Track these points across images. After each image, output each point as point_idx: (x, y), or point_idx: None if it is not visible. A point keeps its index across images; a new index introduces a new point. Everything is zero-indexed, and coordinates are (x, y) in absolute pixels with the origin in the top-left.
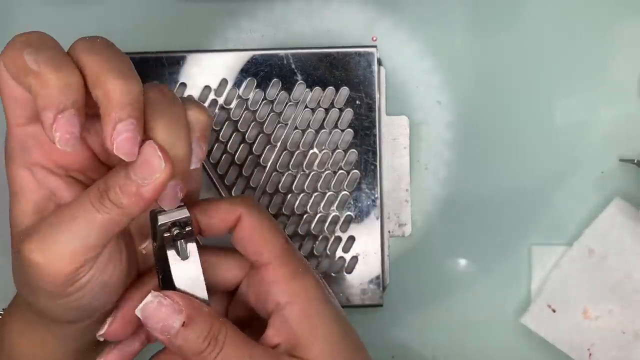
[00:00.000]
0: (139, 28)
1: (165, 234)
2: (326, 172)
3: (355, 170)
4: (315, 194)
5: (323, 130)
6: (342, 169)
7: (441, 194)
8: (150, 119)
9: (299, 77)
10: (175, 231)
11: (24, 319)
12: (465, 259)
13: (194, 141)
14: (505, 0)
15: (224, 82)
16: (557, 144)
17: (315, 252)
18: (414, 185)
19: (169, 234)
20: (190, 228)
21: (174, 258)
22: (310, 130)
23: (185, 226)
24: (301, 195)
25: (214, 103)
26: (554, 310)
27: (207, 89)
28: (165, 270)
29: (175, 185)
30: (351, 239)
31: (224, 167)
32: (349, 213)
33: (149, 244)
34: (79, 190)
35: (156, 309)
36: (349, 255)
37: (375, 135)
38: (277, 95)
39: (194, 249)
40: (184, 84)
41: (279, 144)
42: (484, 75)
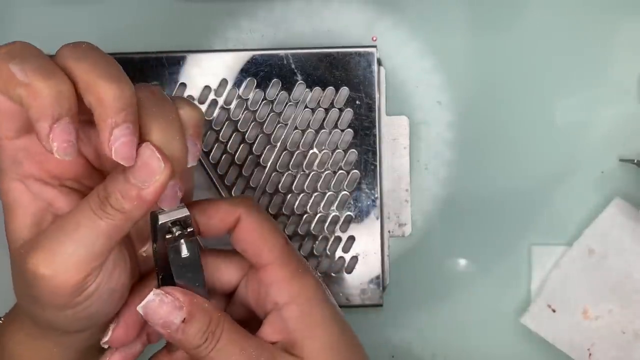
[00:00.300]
0: (139, 28)
1: (166, 234)
2: (326, 172)
3: (355, 170)
4: (315, 194)
5: (323, 130)
6: (342, 169)
7: (441, 194)
8: (144, 121)
9: (299, 77)
10: (176, 231)
11: (23, 327)
12: (465, 259)
13: (188, 139)
14: (505, 0)
15: (224, 82)
16: (557, 144)
17: (315, 252)
18: (414, 185)
19: (170, 234)
20: (190, 228)
21: (174, 257)
22: (310, 130)
23: (185, 225)
24: (301, 195)
25: (214, 103)
26: (554, 310)
27: (207, 89)
28: (165, 270)
29: (174, 185)
30: (351, 239)
31: (224, 167)
32: (348, 213)
33: (149, 247)
34: (76, 199)
35: (158, 306)
36: (348, 255)
37: (375, 135)
38: (277, 95)
39: (194, 248)
40: (184, 84)
41: (279, 144)
42: (484, 75)
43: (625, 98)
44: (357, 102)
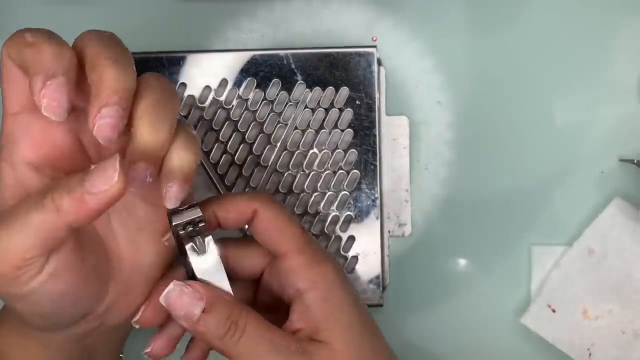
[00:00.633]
0: (139, 28)
1: (180, 232)
2: (326, 172)
3: (355, 170)
4: (315, 194)
5: (323, 130)
6: (342, 169)
7: (441, 194)
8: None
9: (299, 77)
10: (190, 230)
11: (12, 325)
12: (465, 259)
13: (176, 183)
14: (505, 0)
15: (224, 82)
16: (557, 144)
17: None
18: (414, 185)
19: (184, 231)
20: (203, 224)
21: (192, 253)
22: (310, 130)
23: (198, 223)
24: (301, 195)
25: (214, 103)
26: (553, 310)
27: (207, 89)
28: (186, 265)
29: (145, 169)
30: (351, 239)
31: (224, 167)
32: (348, 213)
33: (171, 236)
34: None
35: (178, 297)
36: (348, 255)
37: (375, 135)
38: (277, 95)
39: (211, 243)
40: (184, 84)
41: (279, 144)
42: (484, 75)
43: (625, 98)
44: (357, 102)
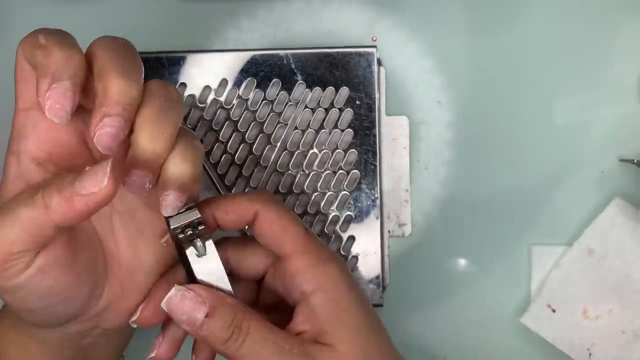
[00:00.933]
0: (139, 28)
1: (180, 235)
2: (326, 172)
3: (355, 170)
4: (315, 194)
5: (323, 130)
6: (342, 169)
7: (441, 194)
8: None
9: (299, 77)
10: (188, 232)
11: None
12: (465, 259)
13: (172, 192)
14: (505, 0)
15: (224, 82)
16: (557, 144)
17: None
18: (414, 185)
19: (183, 234)
20: (203, 227)
21: (192, 256)
22: (310, 130)
23: (198, 225)
24: (301, 195)
25: (214, 103)
26: (553, 310)
27: (207, 89)
28: (187, 267)
29: (144, 176)
30: (351, 239)
31: (224, 167)
32: (348, 213)
33: (169, 238)
34: None
35: (180, 301)
36: (349, 255)
37: (375, 135)
38: (277, 95)
39: (211, 245)
40: (184, 84)
41: (279, 144)
42: (484, 75)
43: (625, 98)
44: (357, 102)
